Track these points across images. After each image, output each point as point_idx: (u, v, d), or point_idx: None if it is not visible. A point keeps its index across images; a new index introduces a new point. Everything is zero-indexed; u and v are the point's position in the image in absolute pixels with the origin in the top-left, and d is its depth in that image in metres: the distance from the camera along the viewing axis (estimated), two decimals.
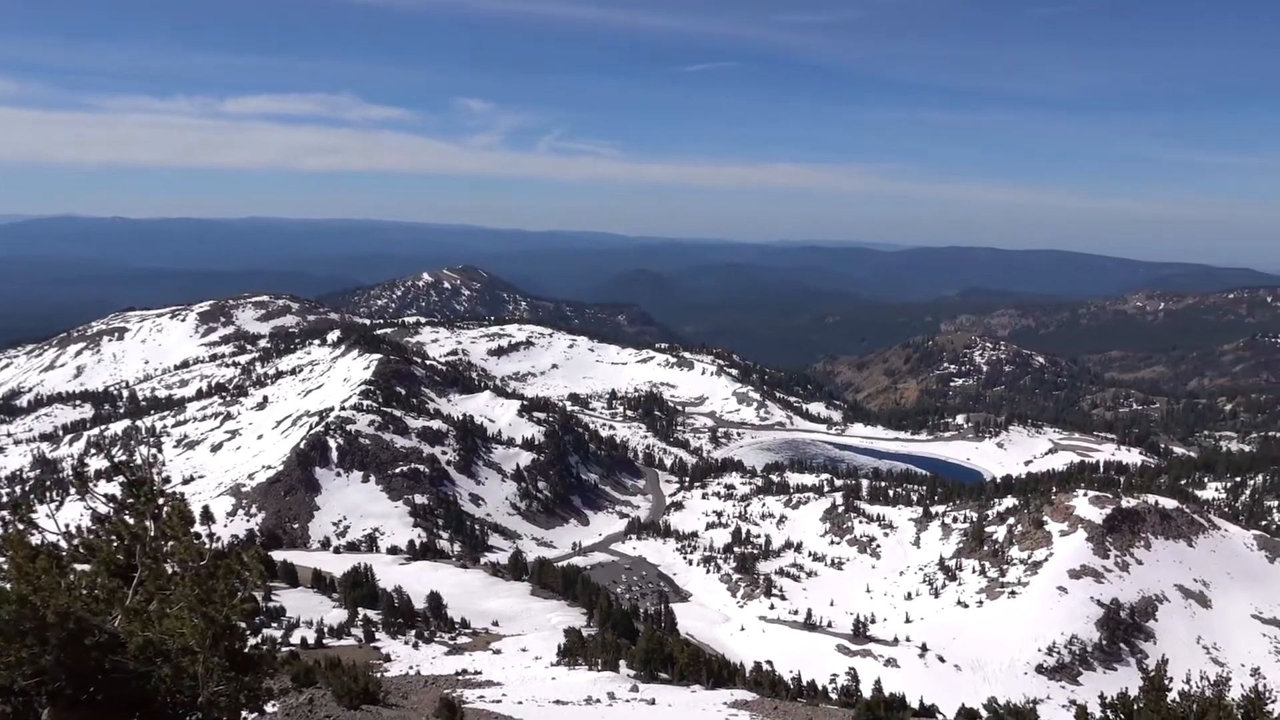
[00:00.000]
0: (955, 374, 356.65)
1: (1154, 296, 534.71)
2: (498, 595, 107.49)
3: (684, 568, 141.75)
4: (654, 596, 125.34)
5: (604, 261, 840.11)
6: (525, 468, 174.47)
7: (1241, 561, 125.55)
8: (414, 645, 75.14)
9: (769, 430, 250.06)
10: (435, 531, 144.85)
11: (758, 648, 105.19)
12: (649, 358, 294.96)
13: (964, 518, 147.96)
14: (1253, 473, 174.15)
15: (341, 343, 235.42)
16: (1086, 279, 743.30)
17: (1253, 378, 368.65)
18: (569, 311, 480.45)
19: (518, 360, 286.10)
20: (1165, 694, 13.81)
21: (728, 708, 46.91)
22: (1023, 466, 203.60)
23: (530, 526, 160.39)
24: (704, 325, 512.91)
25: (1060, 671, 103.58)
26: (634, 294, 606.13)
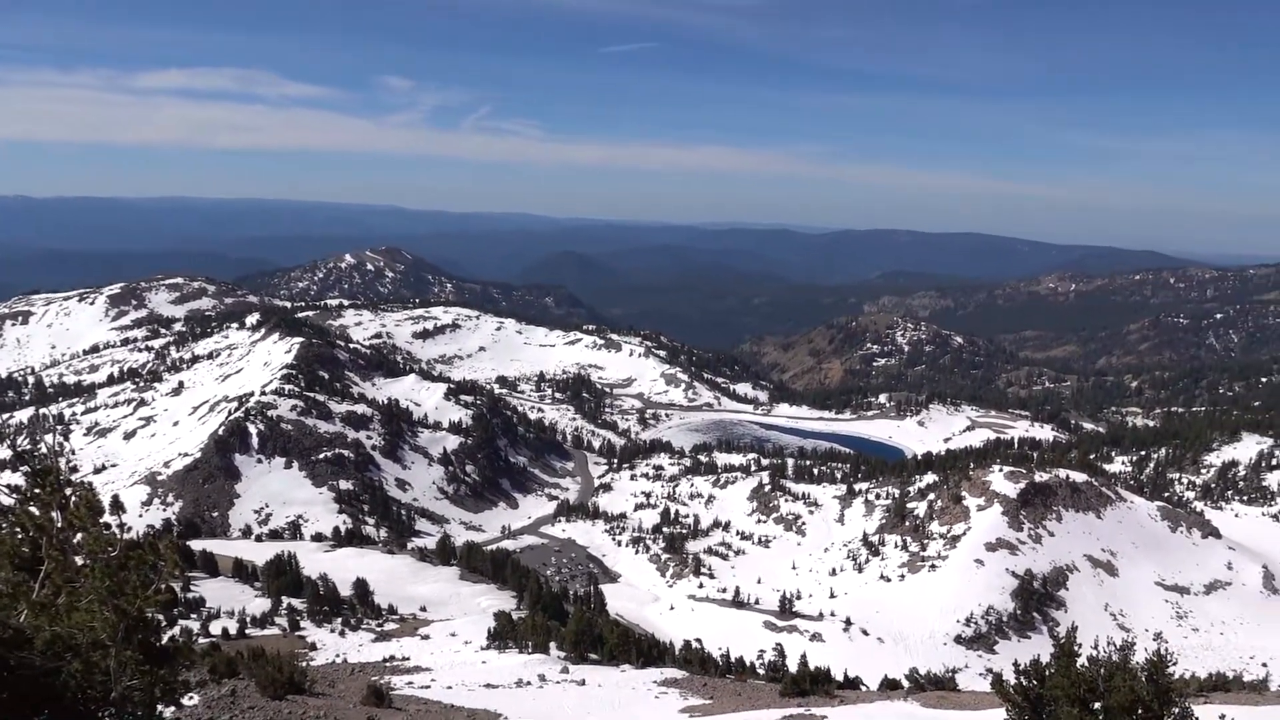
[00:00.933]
0: (878, 354, 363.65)
1: (1065, 278, 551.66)
2: (426, 580, 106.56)
3: (613, 549, 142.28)
4: (584, 578, 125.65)
5: (531, 243, 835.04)
6: (453, 451, 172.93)
7: (1146, 531, 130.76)
8: (340, 633, 74.06)
9: (697, 411, 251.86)
10: (361, 517, 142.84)
11: (687, 626, 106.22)
12: (577, 340, 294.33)
13: (886, 494, 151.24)
14: (1156, 447, 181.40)
15: (261, 326, 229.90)
16: (1002, 261, 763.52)
17: (1156, 355, 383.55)
18: (496, 294, 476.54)
19: (444, 343, 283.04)
20: (1075, 659, 14.33)
21: (657, 686, 47.32)
22: (942, 444, 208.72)
23: (458, 510, 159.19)
24: (632, 307, 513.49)
25: (978, 641, 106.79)
26: (562, 276, 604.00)
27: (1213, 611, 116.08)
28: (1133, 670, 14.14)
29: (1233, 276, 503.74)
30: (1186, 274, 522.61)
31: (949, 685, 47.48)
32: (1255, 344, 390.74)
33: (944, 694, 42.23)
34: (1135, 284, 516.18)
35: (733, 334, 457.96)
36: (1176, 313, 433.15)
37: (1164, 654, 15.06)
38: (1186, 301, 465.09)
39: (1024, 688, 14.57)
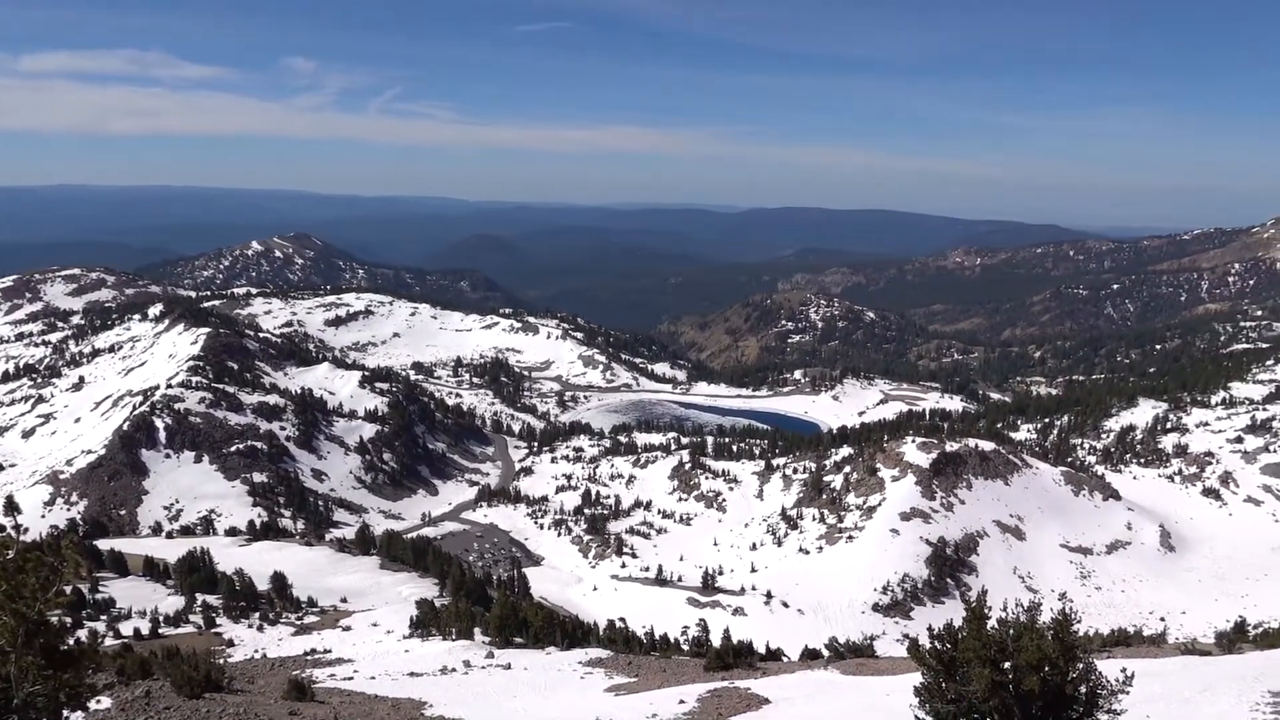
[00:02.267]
0: (793, 331, 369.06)
1: (971, 252, 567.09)
2: (345, 571, 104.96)
3: (535, 532, 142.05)
4: (506, 562, 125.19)
5: (445, 227, 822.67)
6: (369, 440, 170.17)
7: (1050, 496, 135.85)
8: (259, 628, 72.57)
9: (616, 392, 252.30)
10: (277, 510, 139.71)
11: (611, 606, 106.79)
12: (494, 324, 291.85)
13: (804, 468, 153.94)
14: (1059, 414, 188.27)
15: (165, 317, 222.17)
16: (911, 237, 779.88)
17: (1058, 326, 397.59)
18: (410, 279, 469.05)
19: (357, 330, 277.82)
20: (985, 622, 14.77)
21: (583, 666, 47.49)
22: (857, 417, 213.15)
23: (377, 499, 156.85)
24: (549, 289, 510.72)
25: (894, 608, 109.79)
26: (477, 260, 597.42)
27: (1114, 570, 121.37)
28: (1040, 630, 14.67)
29: (1128, 248, 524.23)
30: (1085, 246, 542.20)
31: (867, 652, 48.71)
32: (1150, 312, 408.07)
33: (863, 661, 43.32)
34: (1037, 257, 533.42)
35: (650, 314, 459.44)
36: (1076, 284, 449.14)
37: (1069, 613, 15.68)
38: (1085, 273, 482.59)
39: (938, 651, 15.01)
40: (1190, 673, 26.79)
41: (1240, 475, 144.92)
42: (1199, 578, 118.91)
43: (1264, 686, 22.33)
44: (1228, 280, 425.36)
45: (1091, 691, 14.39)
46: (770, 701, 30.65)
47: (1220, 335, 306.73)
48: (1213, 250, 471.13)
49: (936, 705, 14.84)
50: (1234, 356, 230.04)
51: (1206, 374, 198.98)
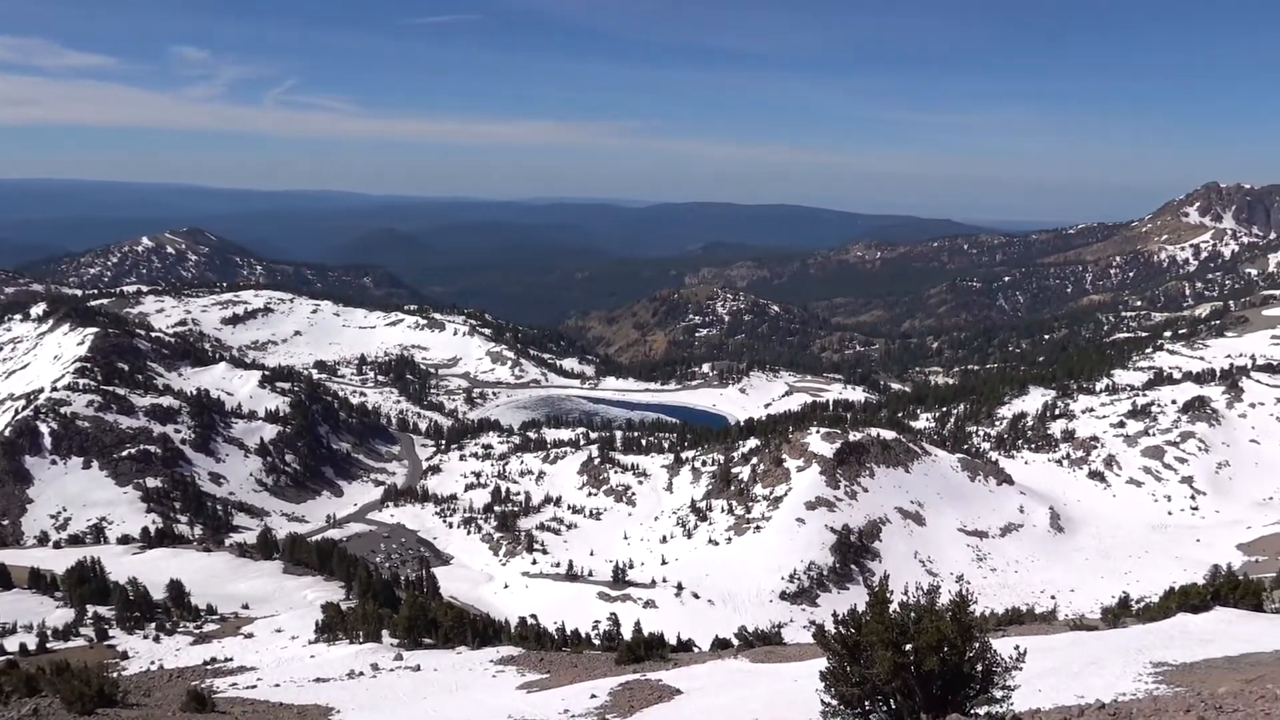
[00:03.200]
0: (700, 324, 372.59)
1: (871, 246, 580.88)
2: (247, 577, 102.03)
3: (444, 531, 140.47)
4: (415, 562, 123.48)
5: (346, 222, 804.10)
6: (270, 441, 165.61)
7: (948, 482, 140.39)
8: (155, 639, 70.01)
9: (524, 388, 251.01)
10: (173, 516, 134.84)
11: (522, 603, 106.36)
12: (399, 320, 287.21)
13: (712, 461, 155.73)
14: (956, 403, 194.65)
15: (49, 316, 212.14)
16: (813, 231, 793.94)
17: (954, 317, 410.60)
18: (311, 275, 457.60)
19: (256, 328, 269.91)
20: (887, 606, 15.18)
21: (494, 665, 47.21)
22: (763, 409, 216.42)
23: (279, 502, 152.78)
24: (455, 285, 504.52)
25: (801, 596, 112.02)
26: (380, 255, 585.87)
27: (1008, 552, 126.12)
28: (939, 612, 15.18)
29: (1018, 242, 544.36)
30: (978, 240, 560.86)
31: (776, 640, 49.65)
32: (1039, 304, 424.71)
33: (771, 649, 44.13)
34: (934, 250, 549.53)
35: (558, 309, 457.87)
36: (971, 277, 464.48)
37: (966, 594, 16.29)
38: (979, 266, 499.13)
39: (842, 636, 15.40)
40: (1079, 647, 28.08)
41: (1123, 458, 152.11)
42: (1086, 556, 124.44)
43: (1146, 658, 23.58)
44: (1110, 273, 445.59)
45: (987, 669, 14.96)
46: (681, 692, 30.98)
47: (1104, 325, 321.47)
48: (1096, 244, 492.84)
49: (842, 689, 15.23)
50: (1116, 345, 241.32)
51: (1091, 362, 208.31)
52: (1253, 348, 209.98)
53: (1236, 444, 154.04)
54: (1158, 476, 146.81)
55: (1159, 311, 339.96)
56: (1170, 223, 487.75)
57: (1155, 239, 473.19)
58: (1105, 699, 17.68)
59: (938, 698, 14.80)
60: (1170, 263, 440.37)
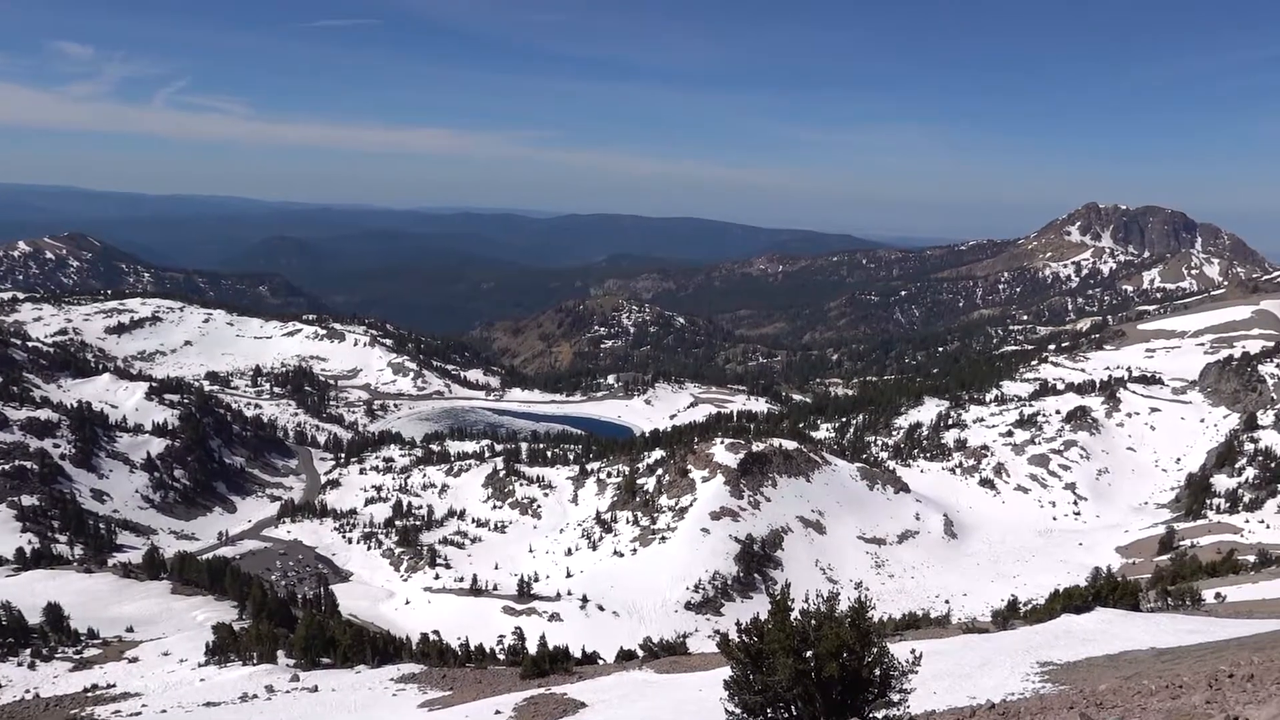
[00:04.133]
0: (605, 336, 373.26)
1: (774, 260, 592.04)
2: (132, 598, 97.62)
3: (344, 547, 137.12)
4: (313, 580, 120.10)
5: (241, 228, 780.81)
6: (158, 456, 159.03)
7: (848, 491, 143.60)
8: (30, 665, 66.36)
9: (427, 400, 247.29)
10: (51, 535, 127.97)
11: (425, 619, 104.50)
12: (296, 330, 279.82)
13: (617, 472, 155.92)
14: (855, 413, 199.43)
15: None
16: (717, 244, 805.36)
17: (854, 330, 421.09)
18: (203, 283, 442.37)
19: (143, 338, 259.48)
20: (789, 613, 15.44)
21: (395, 683, 46.33)
22: (668, 420, 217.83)
23: (168, 520, 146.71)
24: (356, 295, 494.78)
25: (706, 605, 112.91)
26: (277, 263, 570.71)
27: (905, 558, 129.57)
28: (838, 618, 15.54)
29: (914, 257, 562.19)
30: (876, 255, 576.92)
31: (680, 650, 49.97)
32: (933, 317, 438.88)
33: (676, 659, 44.42)
34: (834, 265, 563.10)
35: (462, 320, 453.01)
36: (869, 290, 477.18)
37: (864, 600, 16.73)
38: (877, 280, 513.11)
39: (745, 644, 15.62)
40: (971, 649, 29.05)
41: (1011, 466, 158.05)
42: (977, 561, 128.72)
43: (1033, 658, 24.54)
44: (999, 288, 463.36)
45: (885, 673, 15.37)
46: (586, 705, 30.93)
47: (993, 338, 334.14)
48: (986, 260, 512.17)
49: (745, 697, 15.44)
50: (1005, 358, 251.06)
51: (982, 374, 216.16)
52: (1129, 360, 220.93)
53: (1115, 451, 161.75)
54: (1043, 483, 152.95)
55: (1044, 325, 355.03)
56: (1054, 240, 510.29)
57: (1040, 256, 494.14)
58: (995, 699, 18.34)
59: (838, 703, 15.14)
60: (1054, 279, 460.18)
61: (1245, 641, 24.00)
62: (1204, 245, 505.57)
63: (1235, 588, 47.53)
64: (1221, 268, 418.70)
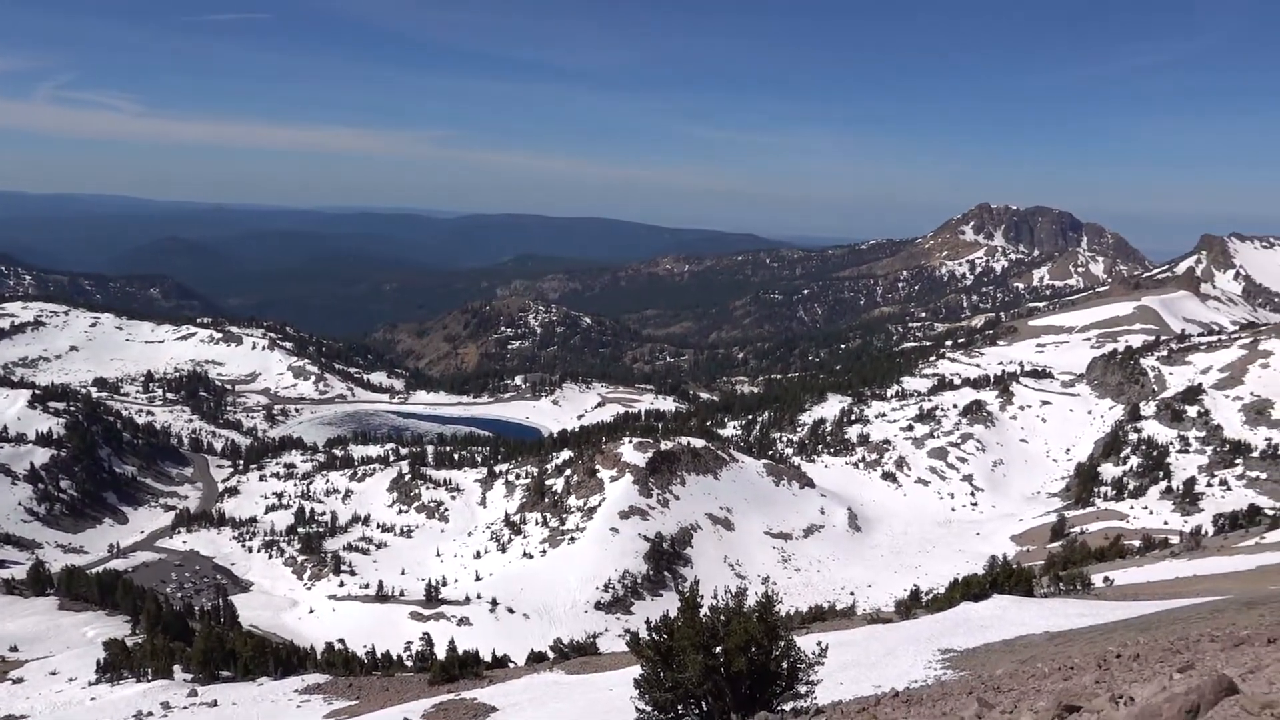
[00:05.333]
0: (512, 337, 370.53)
1: (679, 259, 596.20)
2: (16, 615, 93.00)
3: (243, 556, 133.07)
4: (211, 591, 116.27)
5: (129, 229, 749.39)
6: (42, 466, 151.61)
7: (755, 487, 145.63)
8: None
9: (330, 404, 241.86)
10: None
11: (330, 628, 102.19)
12: (191, 334, 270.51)
13: (526, 473, 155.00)
14: (761, 410, 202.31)
15: None
16: (623, 244, 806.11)
17: (758, 328, 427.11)
18: (89, 286, 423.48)
19: (25, 344, 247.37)
20: (698, 610, 15.51)
21: (299, 695, 45.16)
22: (576, 420, 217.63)
23: (54, 533, 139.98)
24: (253, 297, 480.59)
25: (616, 605, 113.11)
26: (169, 265, 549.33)
27: (811, 552, 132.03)
28: (746, 613, 15.70)
29: (815, 256, 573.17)
30: (779, 255, 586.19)
31: (591, 650, 49.89)
32: (835, 315, 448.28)
33: (587, 659, 44.34)
34: (738, 264, 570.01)
35: (365, 321, 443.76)
36: (773, 289, 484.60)
37: (771, 595, 16.94)
38: (780, 279, 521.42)
39: (655, 642, 15.65)
40: (876, 640, 29.72)
41: (912, 459, 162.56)
42: (881, 553, 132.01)
43: (935, 646, 25.22)
44: (898, 286, 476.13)
45: (792, 666, 15.59)
46: (497, 709, 30.64)
47: (893, 335, 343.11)
48: (885, 259, 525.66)
49: (655, 695, 15.47)
50: (904, 354, 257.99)
51: (882, 370, 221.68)
52: (1021, 355, 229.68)
53: (1009, 443, 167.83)
54: (942, 476, 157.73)
55: (941, 322, 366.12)
56: (949, 240, 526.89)
57: (937, 255, 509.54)
58: (900, 687, 18.78)
59: (747, 697, 15.30)
60: (950, 277, 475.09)
61: (1131, 623, 25.14)
62: (1089, 244, 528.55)
63: (1122, 572, 49.80)
64: (1106, 266, 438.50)
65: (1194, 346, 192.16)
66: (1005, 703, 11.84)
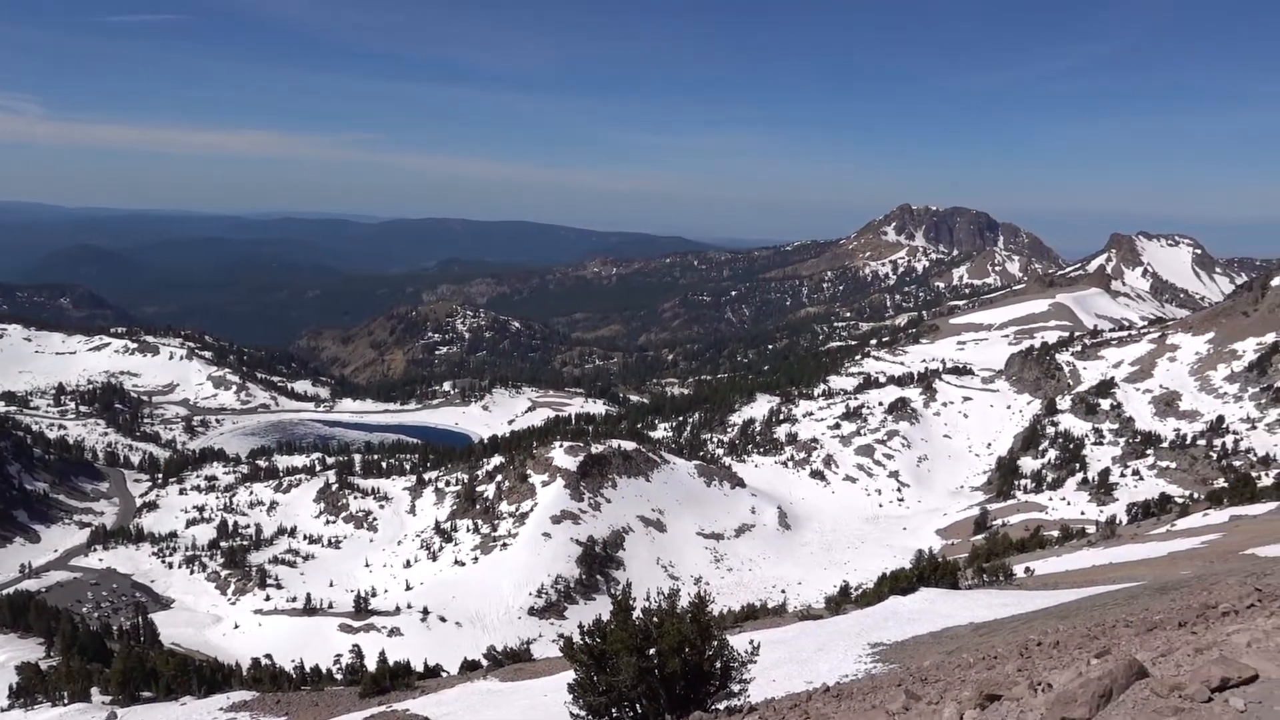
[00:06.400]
0: (440, 342, 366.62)
1: (607, 262, 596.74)
2: None
3: (164, 572, 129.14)
4: (130, 609, 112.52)
5: (35, 236, 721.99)
6: None
7: (686, 488, 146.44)
8: None
9: (252, 414, 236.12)
10: None
11: (256, 643, 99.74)
12: (104, 344, 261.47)
13: (456, 480, 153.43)
14: (691, 412, 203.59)
15: None
16: (550, 247, 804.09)
17: (687, 330, 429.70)
18: None
19: None
20: (630, 613, 15.57)
21: (224, 712, 44.06)
22: (507, 426, 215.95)
23: None
24: (171, 305, 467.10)
25: (549, 610, 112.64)
26: (79, 273, 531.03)
27: (742, 551, 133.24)
28: (679, 614, 15.80)
29: (743, 258, 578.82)
30: (707, 257, 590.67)
31: (525, 657, 49.68)
32: (762, 316, 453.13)
33: (521, 666, 44.14)
34: (666, 266, 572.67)
35: (288, 329, 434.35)
36: (701, 291, 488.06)
37: (704, 595, 17.09)
38: (708, 281, 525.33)
39: (588, 646, 15.67)
40: (807, 636, 30.15)
41: (839, 457, 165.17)
42: (811, 550, 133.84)
43: (865, 640, 25.69)
44: (823, 286, 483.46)
45: (726, 665, 15.74)
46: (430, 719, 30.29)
47: (819, 335, 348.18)
48: (810, 260, 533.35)
49: (589, 699, 15.48)
50: (831, 353, 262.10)
51: (810, 370, 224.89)
52: (943, 353, 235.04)
53: (933, 439, 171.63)
54: (869, 473, 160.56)
55: (866, 321, 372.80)
56: (872, 240, 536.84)
57: (860, 255, 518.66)
58: (831, 681, 19.08)
59: (681, 697, 15.39)
60: (874, 277, 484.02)
61: (1052, 611, 25.93)
62: (1006, 244, 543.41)
63: (1042, 562, 51.33)
64: (1022, 264, 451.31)
65: (1106, 342, 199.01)
66: (932, 694, 12.13)
